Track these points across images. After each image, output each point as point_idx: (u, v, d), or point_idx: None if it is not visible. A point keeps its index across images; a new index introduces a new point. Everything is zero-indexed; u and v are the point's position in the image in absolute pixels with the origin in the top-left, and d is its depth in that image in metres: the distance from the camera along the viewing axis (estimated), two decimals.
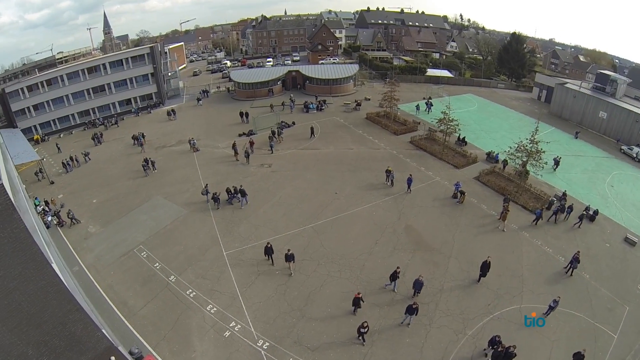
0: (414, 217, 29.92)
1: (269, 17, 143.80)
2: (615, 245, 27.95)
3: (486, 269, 22.74)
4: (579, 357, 17.86)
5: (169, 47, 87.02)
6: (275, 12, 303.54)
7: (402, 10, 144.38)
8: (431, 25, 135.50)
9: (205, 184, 33.30)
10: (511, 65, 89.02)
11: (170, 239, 28.16)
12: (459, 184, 32.67)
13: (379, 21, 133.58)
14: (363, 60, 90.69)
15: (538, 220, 29.57)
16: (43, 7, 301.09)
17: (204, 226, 29.38)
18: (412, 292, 22.07)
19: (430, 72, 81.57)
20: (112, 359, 13.88)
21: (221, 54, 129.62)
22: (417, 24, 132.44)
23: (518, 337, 19.60)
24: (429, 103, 56.60)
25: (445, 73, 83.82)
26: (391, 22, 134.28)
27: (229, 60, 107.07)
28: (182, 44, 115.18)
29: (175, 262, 25.62)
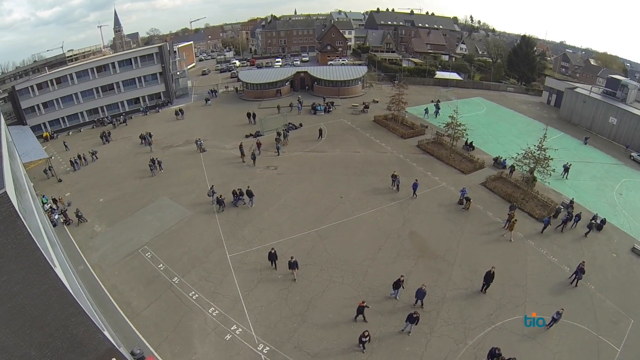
0: (418, 223, 29.78)
1: (278, 16, 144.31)
2: (622, 256, 27.55)
3: (490, 279, 22.51)
4: None
5: (178, 46, 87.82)
6: (285, 11, 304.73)
7: (412, 11, 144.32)
8: (441, 27, 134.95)
9: (211, 185, 33.52)
10: (521, 68, 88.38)
11: (175, 240, 28.33)
12: (465, 190, 32.47)
13: (389, 22, 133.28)
14: (372, 61, 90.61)
15: (545, 228, 29.22)
16: (55, 4, 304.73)
17: (208, 228, 29.50)
18: (415, 301, 21.93)
19: (439, 75, 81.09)
20: None
21: (230, 53, 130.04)
22: (426, 25, 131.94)
23: (519, 348, 19.47)
24: (437, 106, 56.26)
25: (454, 76, 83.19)
26: (401, 23, 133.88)
27: (237, 60, 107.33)
28: (191, 43, 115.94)
29: (179, 264, 25.79)
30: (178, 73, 70.86)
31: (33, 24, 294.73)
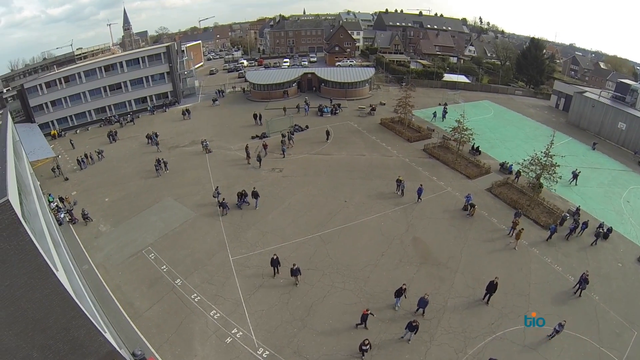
0: (422, 229, 29.63)
1: (287, 16, 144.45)
2: (628, 265, 27.18)
3: (493, 290, 22.26)
4: None
5: (186, 45, 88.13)
6: (294, 11, 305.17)
7: (421, 12, 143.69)
8: (450, 28, 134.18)
9: (216, 187, 33.63)
10: (529, 71, 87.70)
11: (179, 241, 28.50)
12: (470, 196, 32.25)
13: (397, 23, 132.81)
14: (380, 63, 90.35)
15: (552, 235, 28.87)
16: (65, 2, 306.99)
17: (212, 230, 29.61)
18: (416, 309, 21.76)
19: (447, 77, 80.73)
20: None
21: (238, 53, 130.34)
22: (435, 26, 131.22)
23: (520, 359, 19.33)
24: (445, 110, 55.96)
25: (462, 78, 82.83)
26: (409, 24, 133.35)
27: (245, 60, 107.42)
28: (199, 42, 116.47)
29: (182, 266, 25.93)
30: (185, 72, 71.14)
31: (43, 21, 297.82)
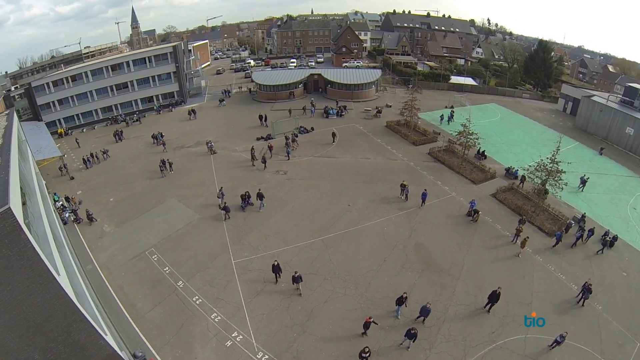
0: (425, 234, 29.49)
1: (295, 16, 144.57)
2: (633, 275, 26.83)
3: (495, 299, 22.05)
4: None
5: (194, 45, 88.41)
6: (302, 10, 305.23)
7: (429, 13, 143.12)
8: (457, 30, 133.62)
9: (220, 187, 33.76)
10: (537, 74, 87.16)
11: (181, 243, 28.61)
12: (474, 202, 32.06)
13: (405, 24, 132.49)
14: (387, 64, 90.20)
15: (558, 243, 28.55)
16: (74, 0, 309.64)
17: (215, 232, 29.69)
18: (417, 317, 21.60)
19: (454, 80, 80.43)
20: None
21: (245, 52, 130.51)
22: (443, 28, 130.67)
23: None
24: (451, 113, 55.70)
25: (469, 81, 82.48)
26: (417, 25, 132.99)
27: (252, 60, 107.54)
28: (206, 41, 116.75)
29: (184, 268, 26.04)
30: (192, 72, 71.38)
31: (52, 19, 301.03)
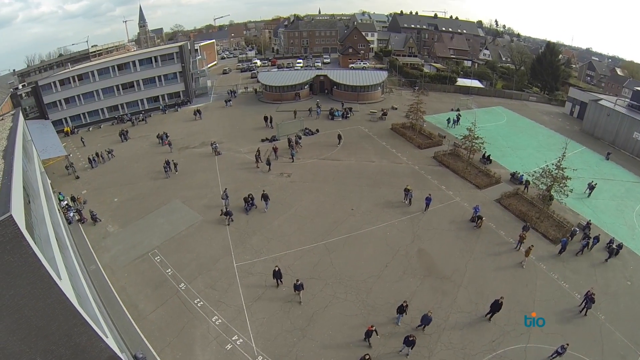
0: (428, 240, 29.34)
1: (302, 15, 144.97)
2: (637, 284, 26.53)
3: (497, 309, 21.90)
4: None
5: (200, 45, 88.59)
6: (310, 10, 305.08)
7: (436, 15, 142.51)
8: (465, 31, 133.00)
9: (225, 189, 33.83)
10: (544, 77, 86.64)
11: (184, 245, 28.70)
12: (478, 207, 31.87)
13: (412, 25, 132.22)
14: (393, 65, 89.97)
15: (564, 250, 28.31)
16: None
17: (217, 235, 29.73)
18: (418, 325, 21.50)
19: (461, 82, 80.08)
20: None
21: (252, 52, 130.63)
22: (450, 29, 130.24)
23: None
24: (458, 116, 55.45)
25: (476, 83, 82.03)
26: (424, 26, 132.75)
27: (259, 60, 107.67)
28: (213, 41, 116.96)
29: (186, 270, 26.14)
30: (198, 72, 71.54)
31: (60, 16, 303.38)
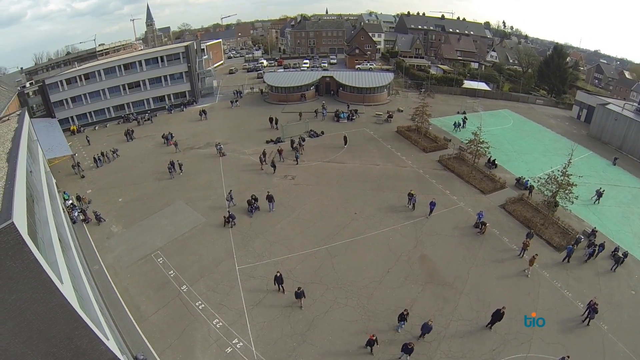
0: (430, 246, 29.18)
1: (309, 15, 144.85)
2: None
3: (498, 318, 21.71)
4: None
5: (207, 44, 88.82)
6: (317, 10, 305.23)
7: (443, 16, 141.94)
8: (472, 32, 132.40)
9: (229, 190, 33.93)
10: (552, 80, 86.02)
11: (187, 247, 28.81)
12: (482, 213, 31.67)
13: (419, 26, 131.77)
14: (400, 67, 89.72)
15: (569, 257, 28.01)
16: None
17: (220, 237, 29.80)
18: (419, 335, 21.34)
19: (467, 84, 79.75)
20: None
21: (259, 52, 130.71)
22: (457, 30, 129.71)
23: None
24: (464, 119, 55.21)
25: (482, 85, 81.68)
26: (431, 28, 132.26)
27: (265, 60, 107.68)
28: (220, 40, 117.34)
29: (188, 272, 26.24)
30: (204, 72, 71.69)
31: (69, 14, 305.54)
